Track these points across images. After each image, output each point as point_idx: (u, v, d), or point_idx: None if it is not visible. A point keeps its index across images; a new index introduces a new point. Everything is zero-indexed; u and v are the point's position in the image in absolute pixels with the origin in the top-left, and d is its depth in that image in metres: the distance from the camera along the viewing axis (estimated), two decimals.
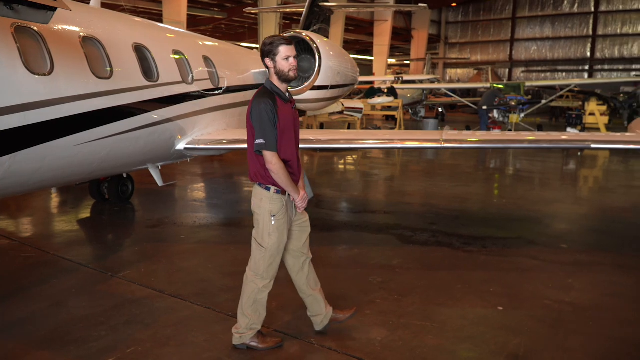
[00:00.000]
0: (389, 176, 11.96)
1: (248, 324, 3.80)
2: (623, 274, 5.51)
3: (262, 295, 3.80)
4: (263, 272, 3.75)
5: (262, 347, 3.83)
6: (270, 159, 3.52)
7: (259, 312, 3.83)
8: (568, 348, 3.96)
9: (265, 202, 3.66)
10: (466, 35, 41.80)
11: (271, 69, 3.61)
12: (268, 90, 3.62)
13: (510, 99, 17.90)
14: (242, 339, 3.82)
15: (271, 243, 3.69)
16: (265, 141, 3.48)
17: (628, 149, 6.26)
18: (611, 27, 36.61)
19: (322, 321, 4.07)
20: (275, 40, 3.59)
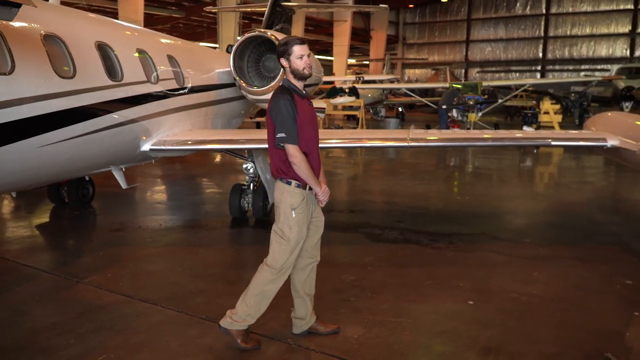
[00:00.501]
0: (352, 175, 12.04)
1: (245, 313, 3.81)
2: (584, 267, 5.72)
3: (270, 287, 3.82)
4: (280, 266, 3.79)
5: (242, 346, 3.82)
6: (292, 151, 3.61)
7: (260, 306, 3.84)
8: (537, 339, 4.08)
9: (286, 196, 3.73)
10: (423, 36, 42.55)
11: (286, 67, 3.75)
12: (285, 88, 3.75)
13: (469, 98, 18.34)
14: (232, 326, 3.81)
15: (292, 236, 3.74)
16: (286, 135, 3.59)
17: (586, 145, 6.48)
18: (561, 28, 38.00)
19: (302, 326, 4.06)
20: (290, 40, 3.75)
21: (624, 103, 20.94)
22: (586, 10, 36.98)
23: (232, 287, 5.17)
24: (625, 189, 10.60)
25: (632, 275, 5.40)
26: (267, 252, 6.20)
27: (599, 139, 6.37)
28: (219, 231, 7.19)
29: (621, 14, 35.79)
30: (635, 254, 6.14)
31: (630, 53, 35.54)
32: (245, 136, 7.38)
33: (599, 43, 37.01)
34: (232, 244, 6.77)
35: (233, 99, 8.70)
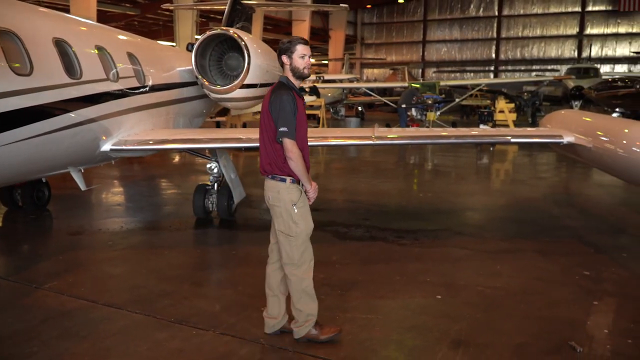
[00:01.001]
0: (315, 174, 12.05)
1: (304, 316, 3.84)
2: (544, 259, 5.91)
3: (306, 283, 3.85)
4: (297, 260, 3.80)
5: (323, 337, 3.86)
6: (291, 147, 3.65)
7: (310, 302, 3.87)
8: (504, 331, 4.18)
9: (284, 194, 3.76)
10: (381, 36, 43.05)
11: (287, 65, 3.79)
12: (285, 85, 3.79)
13: (427, 97, 18.66)
14: (302, 332, 3.86)
15: (299, 231, 3.78)
16: (288, 130, 3.63)
17: (543, 142, 6.71)
18: (513, 30, 39.17)
19: (274, 325, 4.03)
20: (294, 39, 3.81)
21: (573, 102, 21.78)
22: (537, 12, 38.26)
23: (200, 289, 5.11)
24: (576, 184, 11.02)
25: (590, 267, 5.62)
26: (233, 252, 6.15)
27: (555, 136, 6.60)
28: (183, 232, 7.06)
29: (569, 17, 37.21)
30: (591, 246, 6.39)
31: (577, 54, 36.99)
32: (209, 135, 7.27)
33: (548, 44, 38.36)
34: (197, 245, 6.66)
35: (195, 98, 8.55)
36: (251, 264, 5.72)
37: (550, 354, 3.81)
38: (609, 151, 5.77)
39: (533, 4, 38.36)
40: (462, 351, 3.85)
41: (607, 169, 6.03)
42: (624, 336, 4.07)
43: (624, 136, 5.67)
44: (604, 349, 3.87)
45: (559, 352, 3.84)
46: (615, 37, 36.22)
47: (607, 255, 6.06)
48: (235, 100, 8.27)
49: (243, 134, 7.43)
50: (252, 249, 6.24)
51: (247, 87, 8.08)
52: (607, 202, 9.04)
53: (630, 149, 5.50)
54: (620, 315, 4.49)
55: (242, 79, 7.86)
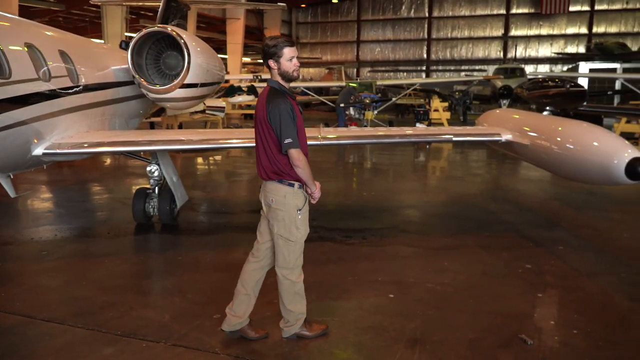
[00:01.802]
0: (255, 175, 11.89)
1: (295, 316, 3.90)
2: (487, 254, 6.11)
3: (299, 286, 3.90)
4: (293, 265, 3.84)
5: (311, 334, 3.96)
6: (298, 155, 3.65)
7: (302, 303, 3.94)
8: (456, 327, 4.27)
9: (290, 198, 3.75)
10: (316, 35, 43.19)
11: (274, 69, 3.73)
12: (279, 90, 3.73)
13: (365, 97, 18.91)
14: (292, 330, 3.93)
15: (299, 236, 3.81)
16: (292, 140, 3.61)
17: (483, 140, 6.93)
18: (443, 31, 40.40)
19: (235, 324, 3.95)
20: (279, 42, 3.70)
21: (502, 100, 22.77)
22: (464, 14, 39.66)
23: (146, 298, 4.89)
24: (508, 179, 11.49)
25: (530, 260, 5.86)
26: (178, 258, 5.93)
27: (494, 134, 6.83)
28: (123, 239, 6.74)
29: (495, 19, 38.86)
30: (530, 240, 6.67)
31: (503, 54, 38.68)
32: (149, 137, 6.98)
33: (476, 45, 39.87)
34: (140, 252, 6.38)
35: (131, 98, 8.18)
36: (199, 270, 5.56)
37: (503, 348, 3.93)
38: (545, 148, 6.03)
39: (461, 6, 39.74)
40: (419, 349, 3.89)
41: (543, 165, 6.30)
42: (569, 327, 4.26)
43: (558, 134, 5.93)
44: (553, 341, 4.04)
45: (511, 345, 3.97)
46: (537, 38, 38.18)
47: (545, 248, 6.34)
48: (175, 100, 7.99)
49: (184, 135, 7.18)
50: (198, 254, 6.05)
51: (188, 87, 7.82)
52: (539, 196, 9.48)
53: (565, 145, 5.77)
54: (564, 306, 4.71)
55: (182, 79, 7.60)
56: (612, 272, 5.56)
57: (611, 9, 36.65)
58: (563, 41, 37.97)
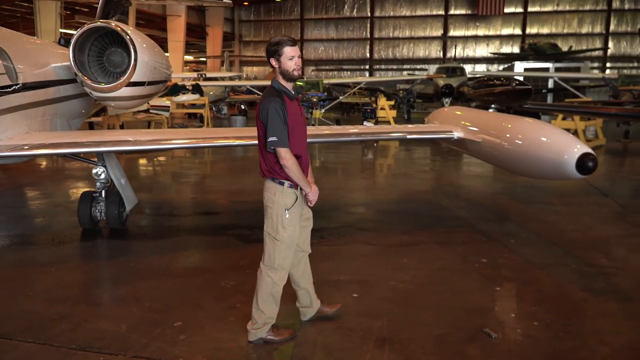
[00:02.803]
0: (206, 175, 11.64)
1: (264, 319, 3.87)
2: (444, 249, 6.20)
3: (277, 289, 3.88)
4: (277, 265, 3.83)
5: (278, 339, 3.91)
6: (284, 154, 3.65)
7: (274, 307, 3.91)
8: (422, 323, 4.30)
9: (279, 196, 3.78)
10: (259, 34, 42.84)
11: (276, 68, 3.75)
12: (276, 90, 3.75)
13: (312, 95, 18.90)
14: (258, 334, 3.88)
15: (286, 236, 3.80)
16: (277, 138, 3.62)
17: (436, 138, 7.05)
18: (385, 31, 41.11)
19: (309, 312, 4.21)
20: (281, 41, 3.72)
21: (444, 99, 23.39)
22: (405, 14, 40.51)
23: (100, 309, 4.64)
24: (457, 176, 11.78)
25: (486, 254, 6.00)
26: (131, 264, 5.67)
27: (446, 131, 6.95)
28: (69, 246, 6.38)
29: (434, 19, 39.93)
30: (483, 234, 6.83)
31: (443, 54, 39.83)
32: (94, 138, 6.65)
33: (417, 45, 40.83)
34: (88, 259, 6.04)
35: (73, 97, 7.76)
36: (154, 276, 5.33)
37: (469, 343, 3.97)
38: (496, 145, 6.18)
39: (401, 6, 40.55)
40: (388, 348, 3.88)
41: (495, 161, 6.47)
42: (529, 319, 4.37)
43: (509, 130, 6.10)
44: (516, 333, 4.13)
45: (476, 340, 4.02)
46: (475, 39, 39.54)
47: (498, 242, 6.51)
48: (121, 99, 7.64)
49: (132, 136, 6.89)
50: (152, 260, 5.81)
51: (134, 85, 7.50)
52: (487, 191, 9.76)
53: (516, 142, 5.93)
54: (522, 299, 4.82)
55: (129, 76, 7.27)
56: (563, 264, 5.77)
57: (543, 11, 38.47)
58: (499, 41, 39.51)
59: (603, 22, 37.90)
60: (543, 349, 3.90)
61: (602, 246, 6.40)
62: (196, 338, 3.98)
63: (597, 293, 4.96)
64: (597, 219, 7.73)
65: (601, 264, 5.77)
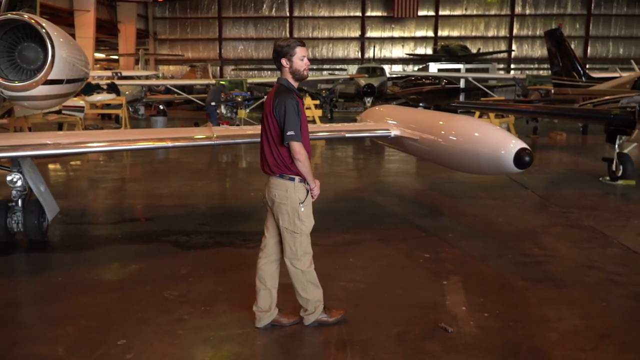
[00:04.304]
0: (127, 179, 11.00)
1: (313, 304, 4.01)
2: (387, 247, 6.23)
3: (310, 275, 4.04)
4: (301, 255, 3.98)
5: (332, 319, 4.08)
6: (299, 149, 3.78)
7: (317, 290, 4.06)
8: (380, 323, 4.26)
9: (291, 192, 3.89)
10: (175, 31, 41.41)
11: (286, 68, 3.89)
12: (287, 88, 3.89)
13: (236, 95, 18.52)
14: (312, 318, 4.04)
15: (304, 227, 3.96)
16: (295, 133, 3.74)
17: (374, 136, 7.08)
18: (304, 31, 41.15)
19: (265, 318, 4.08)
20: (291, 42, 3.89)
21: (365, 98, 23.82)
22: (324, 15, 40.82)
23: (30, 330, 4.19)
24: (386, 173, 11.98)
25: (428, 249, 6.09)
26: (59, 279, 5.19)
27: (383, 129, 6.99)
28: None
29: (352, 20, 40.57)
30: (421, 230, 6.94)
31: (361, 54, 40.59)
32: (8, 142, 6.04)
33: (336, 45, 41.29)
34: (8, 276, 5.40)
35: None
36: (87, 291, 4.91)
37: (428, 339, 3.98)
38: (434, 142, 6.29)
39: (320, 7, 40.84)
40: (350, 351, 3.80)
41: (433, 158, 6.57)
42: (480, 311, 4.46)
43: (445, 128, 6.23)
44: (469, 326, 4.19)
45: (434, 335, 4.04)
46: (391, 40, 40.62)
47: (437, 236, 6.64)
48: (36, 98, 6.97)
49: (50, 139, 6.33)
50: (81, 273, 5.36)
51: (52, 84, 6.89)
52: (418, 187, 9.99)
53: (452, 139, 6.07)
54: (469, 291, 4.92)
55: (46, 74, 6.64)
56: (500, 255, 5.99)
57: (453, 15, 40.27)
58: (413, 43, 40.87)
59: (507, 26, 40.31)
60: (498, 340, 3.99)
61: (532, 236, 6.72)
62: (144, 356, 3.69)
63: (536, 281, 5.18)
64: (522, 210, 8.13)
65: (534, 253, 6.04)
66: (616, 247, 6.27)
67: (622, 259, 5.82)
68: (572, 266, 5.61)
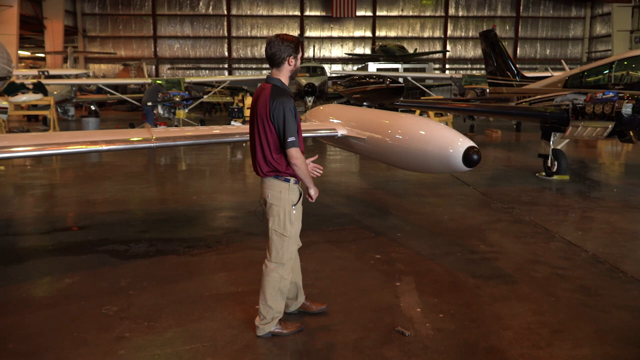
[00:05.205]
0: (57, 185, 10.31)
1: (272, 314, 3.88)
2: (337, 248, 6.11)
3: (284, 283, 3.91)
4: (286, 260, 3.88)
5: (287, 332, 3.93)
6: (297, 154, 3.72)
7: (281, 301, 3.94)
8: (336, 329, 4.11)
9: (285, 194, 3.82)
10: (106, 29, 39.65)
11: (291, 66, 3.78)
12: (282, 89, 3.76)
13: (174, 94, 17.88)
14: (267, 329, 3.89)
15: (293, 231, 3.88)
16: (295, 138, 3.69)
17: (322, 135, 6.93)
18: (242, 29, 40.59)
19: (293, 305, 4.22)
20: (299, 41, 3.79)
21: (307, 97, 23.67)
22: (262, 14, 40.37)
23: None
24: (329, 172, 11.85)
25: (378, 249, 6.02)
26: None
27: (330, 129, 6.86)
28: None
29: (291, 19, 40.36)
30: (370, 230, 6.87)
31: None
32: None
33: None
34: None
35: None
36: (14, 310, 4.48)
37: (386, 344, 3.87)
38: (382, 141, 6.21)
39: (258, 5, 40.38)
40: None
41: (381, 158, 6.49)
42: (434, 312, 4.41)
43: (392, 127, 6.17)
44: (425, 328, 4.12)
45: (392, 340, 3.94)
46: (330, 40, 40.79)
47: (386, 236, 6.59)
48: None
49: None
50: (7, 290, 4.89)
51: None
52: (364, 187, 9.95)
53: (400, 138, 6.02)
54: (422, 292, 4.86)
55: None
56: (449, 253, 6.00)
57: (390, 15, 40.96)
58: (352, 43, 41.23)
59: (441, 27, 41.43)
60: (455, 341, 3.93)
61: (478, 233, 6.80)
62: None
63: (486, 278, 5.20)
64: (466, 207, 8.25)
65: (482, 250, 6.10)
66: (558, 241, 6.44)
67: (565, 253, 5.97)
68: (519, 261, 5.69)
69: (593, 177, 10.85)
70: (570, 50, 41.68)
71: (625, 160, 13.89)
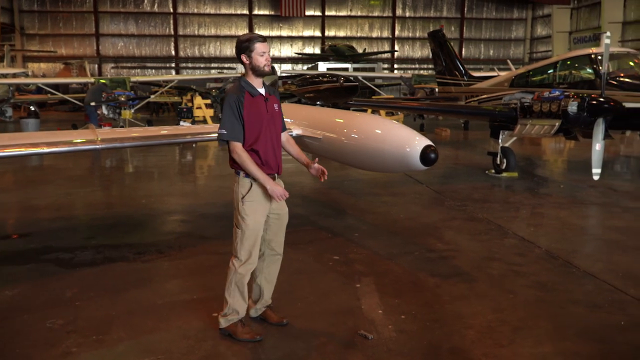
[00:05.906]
0: None
1: (229, 309, 3.89)
2: (294, 251, 5.94)
3: (239, 278, 3.86)
4: (241, 255, 3.86)
5: (239, 338, 3.85)
6: (233, 148, 3.77)
7: (239, 299, 3.88)
8: (298, 335, 3.99)
9: (236, 186, 3.89)
10: (46, 26, 37.91)
11: (247, 64, 3.83)
12: (238, 86, 3.85)
13: (119, 94, 17.23)
14: (223, 322, 3.92)
15: (245, 225, 3.83)
16: (226, 131, 3.73)
17: None
18: (189, 28, 39.79)
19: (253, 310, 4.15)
20: (252, 37, 3.81)
21: None
22: (210, 12, 39.72)
23: None
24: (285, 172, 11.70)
25: (336, 251, 5.94)
26: None
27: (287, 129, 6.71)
28: None
29: (239, 18, 39.90)
30: (327, 231, 6.78)
31: None
32: None
33: (223, 43, 40.36)
34: None
35: None
36: None
37: (349, 349, 3.78)
38: (338, 141, 6.13)
39: (205, 4, 39.70)
40: None
41: (336, 157, 6.40)
42: (396, 313, 4.36)
43: (348, 126, 6.10)
44: (388, 330, 4.06)
45: (355, 344, 3.85)
46: (279, 39, 40.61)
47: (343, 237, 6.52)
48: None
49: None
50: None
51: None
52: (318, 187, 9.85)
53: (357, 137, 5.95)
54: (383, 293, 4.81)
55: None
56: (407, 252, 5.99)
57: (339, 15, 41.23)
58: (301, 42, 41.21)
59: (389, 27, 42.02)
60: (419, 342, 3.89)
61: (434, 231, 6.84)
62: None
63: (445, 277, 5.21)
64: (421, 206, 8.30)
65: (439, 249, 6.12)
66: (512, 237, 6.56)
67: (519, 249, 6.08)
68: (476, 259, 5.74)
69: (540, 174, 11.20)
70: (512, 50, 43.20)
71: (568, 157, 14.44)
